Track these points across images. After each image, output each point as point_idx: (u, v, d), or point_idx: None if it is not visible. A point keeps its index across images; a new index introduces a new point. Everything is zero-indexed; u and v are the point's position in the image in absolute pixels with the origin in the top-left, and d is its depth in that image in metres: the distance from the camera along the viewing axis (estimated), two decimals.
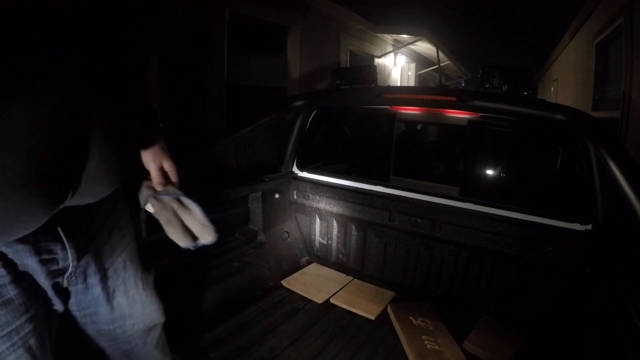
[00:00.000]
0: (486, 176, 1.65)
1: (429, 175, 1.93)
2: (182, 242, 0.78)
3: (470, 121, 1.54)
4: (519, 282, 1.48)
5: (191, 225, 0.79)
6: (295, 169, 1.96)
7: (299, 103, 1.76)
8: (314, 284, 1.76)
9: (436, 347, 1.34)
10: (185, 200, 0.79)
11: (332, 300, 1.65)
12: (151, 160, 0.79)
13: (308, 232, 2.00)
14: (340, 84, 1.69)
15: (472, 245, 1.53)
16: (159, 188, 0.79)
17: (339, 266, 1.93)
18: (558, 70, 8.18)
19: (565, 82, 7.08)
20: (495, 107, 1.34)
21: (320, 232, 1.96)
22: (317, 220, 1.96)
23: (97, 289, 0.73)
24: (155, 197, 0.78)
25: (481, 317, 1.52)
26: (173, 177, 0.81)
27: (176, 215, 0.78)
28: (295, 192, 1.94)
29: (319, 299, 1.65)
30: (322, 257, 1.98)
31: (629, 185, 0.97)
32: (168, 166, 0.80)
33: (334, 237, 1.92)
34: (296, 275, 1.83)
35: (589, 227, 1.32)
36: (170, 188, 0.80)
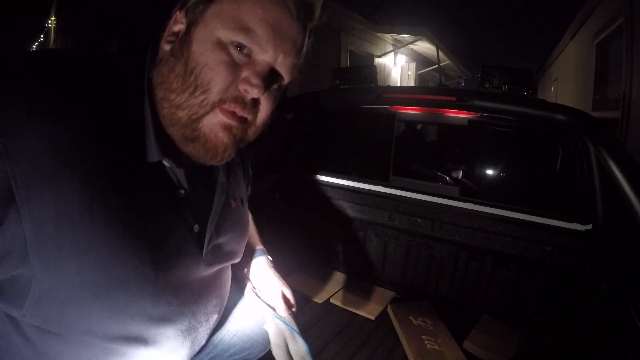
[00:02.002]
0: (486, 176, 1.65)
1: (428, 175, 1.92)
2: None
3: (470, 121, 1.53)
4: (519, 282, 1.48)
5: (294, 355, 0.83)
6: (295, 169, 1.96)
7: (299, 103, 1.76)
8: (314, 284, 1.76)
9: (436, 347, 1.34)
10: (297, 337, 0.83)
11: (332, 300, 1.65)
12: (272, 289, 0.84)
13: (308, 232, 1.99)
14: (340, 84, 1.69)
15: (472, 245, 1.53)
16: (283, 314, 0.83)
17: (339, 266, 1.93)
18: (558, 70, 8.19)
19: (566, 82, 7.08)
20: (495, 107, 1.34)
21: (321, 232, 1.96)
22: (317, 220, 1.96)
23: None
24: (273, 319, 0.83)
25: (481, 317, 1.53)
26: (291, 304, 0.86)
27: (285, 342, 0.83)
28: (294, 192, 1.94)
29: (319, 299, 1.65)
30: (322, 258, 1.98)
31: (629, 185, 0.97)
32: (287, 293, 0.85)
33: (335, 238, 1.92)
34: (296, 275, 1.83)
35: (589, 227, 1.32)
36: (288, 317, 0.84)
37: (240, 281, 0.90)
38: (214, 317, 0.71)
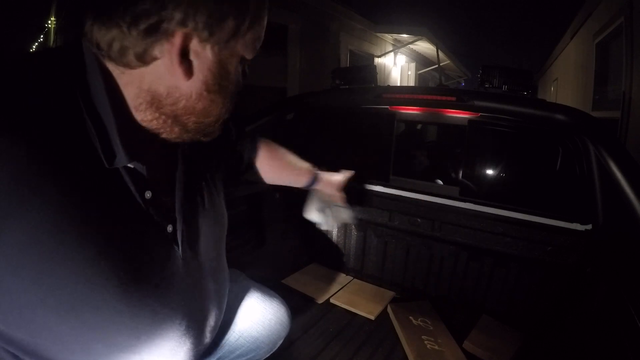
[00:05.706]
0: (486, 176, 1.65)
1: (428, 175, 1.92)
2: (324, 225, 1.22)
3: (470, 121, 1.53)
4: (519, 282, 1.48)
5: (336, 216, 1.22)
6: None
7: (299, 103, 1.76)
8: (314, 284, 1.76)
9: (436, 347, 1.34)
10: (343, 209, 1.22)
11: (332, 300, 1.65)
12: (333, 185, 1.16)
13: (308, 232, 1.99)
14: (339, 84, 1.69)
15: (472, 245, 1.53)
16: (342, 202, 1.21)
17: (339, 266, 1.93)
18: (558, 70, 8.19)
19: (565, 82, 7.08)
20: (495, 107, 1.34)
21: (321, 232, 1.96)
22: None
23: None
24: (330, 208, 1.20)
25: (481, 317, 1.53)
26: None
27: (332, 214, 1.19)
28: (294, 192, 1.94)
29: (319, 299, 1.65)
30: (322, 257, 1.98)
31: (629, 185, 0.97)
32: (340, 177, 1.17)
33: (335, 237, 1.92)
34: (296, 275, 1.83)
35: (589, 227, 1.32)
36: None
37: (241, 282, 0.90)
38: (215, 311, 0.69)
